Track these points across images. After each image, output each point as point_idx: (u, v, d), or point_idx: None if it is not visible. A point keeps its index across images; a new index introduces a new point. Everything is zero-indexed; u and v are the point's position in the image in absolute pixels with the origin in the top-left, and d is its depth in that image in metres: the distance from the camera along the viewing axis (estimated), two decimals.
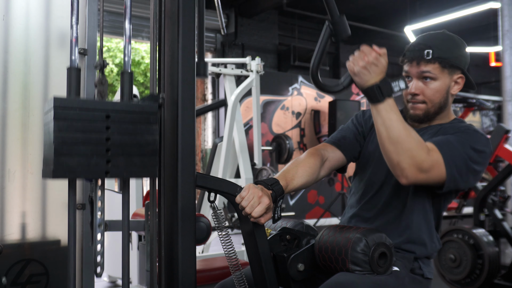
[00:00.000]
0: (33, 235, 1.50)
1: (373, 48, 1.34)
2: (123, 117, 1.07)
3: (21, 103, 1.49)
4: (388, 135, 1.34)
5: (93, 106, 1.04)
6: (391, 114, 1.34)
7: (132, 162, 1.07)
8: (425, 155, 1.34)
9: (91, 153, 1.02)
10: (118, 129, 1.06)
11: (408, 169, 1.33)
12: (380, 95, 1.34)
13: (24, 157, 1.49)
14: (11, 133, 1.48)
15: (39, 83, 1.52)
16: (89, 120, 1.03)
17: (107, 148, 1.04)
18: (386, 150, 1.37)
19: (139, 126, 1.08)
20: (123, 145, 1.06)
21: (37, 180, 1.50)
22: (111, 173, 1.05)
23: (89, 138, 1.03)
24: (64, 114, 1.00)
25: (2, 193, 1.45)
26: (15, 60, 1.49)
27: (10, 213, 1.46)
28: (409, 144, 1.33)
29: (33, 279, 1.49)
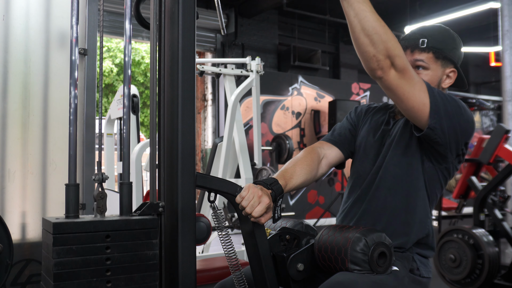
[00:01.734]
0: (33, 235, 1.50)
1: None
2: (123, 235, 1.06)
3: (21, 103, 1.49)
4: (362, 27, 1.28)
5: (92, 228, 1.04)
6: (363, 5, 1.28)
7: (132, 279, 1.07)
8: (400, 51, 1.30)
9: (91, 275, 1.02)
10: (118, 248, 1.05)
11: (383, 61, 1.29)
12: None
13: (24, 157, 1.49)
14: (11, 133, 1.48)
15: (39, 83, 1.52)
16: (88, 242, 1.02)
17: (107, 269, 1.04)
18: (360, 43, 1.30)
19: (139, 242, 1.08)
20: (123, 264, 1.06)
21: (37, 180, 1.50)
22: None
23: (89, 260, 1.02)
24: (63, 239, 1.00)
25: (2, 193, 1.45)
26: (15, 60, 1.49)
27: (10, 213, 1.46)
28: (385, 36, 1.28)
29: (33, 279, 1.49)
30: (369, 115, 1.68)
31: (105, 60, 11.45)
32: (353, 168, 1.65)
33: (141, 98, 11.66)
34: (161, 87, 1.19)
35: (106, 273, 1.04)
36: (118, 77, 11.73)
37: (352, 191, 1.61)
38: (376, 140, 1.58)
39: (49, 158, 1.53)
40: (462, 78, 1.56)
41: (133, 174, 3.39)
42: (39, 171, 1.50)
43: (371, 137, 1.60)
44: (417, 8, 8.32)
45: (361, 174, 1.59)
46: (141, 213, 1.14)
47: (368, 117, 1.67)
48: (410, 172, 1.49)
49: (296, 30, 8.82)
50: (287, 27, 8.99)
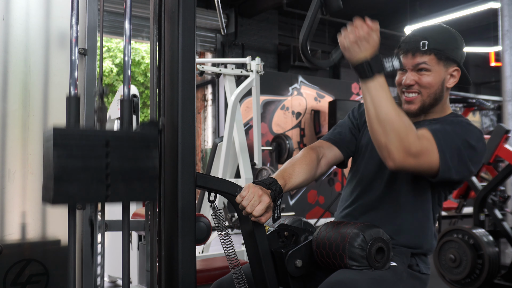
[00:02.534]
0: (33, 235, 1.50)
1: (365, 22, 1.31)
2: (123, 144, 1.07)
3: (21, 103, 1.49)
4: (376, 114, 1.30)
5: (93, 134, 1.04)
6: (380, 92, 1.30)
7: (132, 187, 1.07)
8: (414, 138, 1.30)
9: (91, 179, 1.03)
10: (118, 155, 1.06)
11: (395, 152, 1.29)
12: (369, 71, 1.30)
13: (24, 157, 1.49)
14: (11, 133, 1.48)
15: (39, 83, 1.52)
16: (88, 147, 1.03)
17: (106, 174, 1.04)
18: (373, 130, 1.32)
19: (139, 152, 1.08)
20: (123, 171, 1.06)
21: (37, 180, 1.50)
22: (111, 198, 1.05)
23: (88, 164, 1.03)
24: (63, 142, 1.00)
25: (2, 193, 1.45)
26: (15, 60, 1.49)
27: (10, 213, 1.46)
28: (397, 125, 1.28)
29: (33, 279, 1.49)
30: None
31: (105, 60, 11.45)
32: (356, 166, 1.64)
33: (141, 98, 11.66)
34: (161, 87, 1.20)
35: (106, 178, 1.04)
36: (118, 77, 11.73)
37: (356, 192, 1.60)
38: None
39: None
40: (466, 76, 1.55)
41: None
42: (39, 171, 1.50)
43: None
44: (417, 8, 8.32)
45: (365, 175, 1.58)
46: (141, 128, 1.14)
47: None
48: (418, 186, 1.49)
49: (296, 30, 8.82)
50: (287, 27, 8.99)
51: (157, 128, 1.15)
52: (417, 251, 1.50)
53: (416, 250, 1.50)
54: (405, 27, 8.17)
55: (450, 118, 1.52)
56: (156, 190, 1.10)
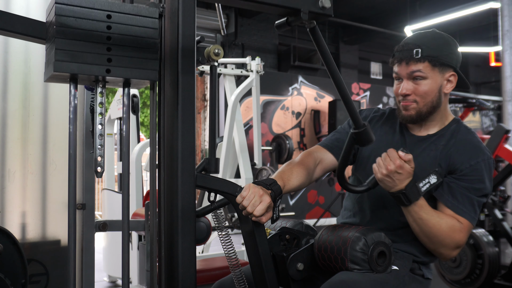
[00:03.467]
0: (33, 235, 1.50)
1: (398, 154, 1.35)
2: (125, 18, 1.07)
3: (21, 103, 1.49)
4: (421, 230, 1.41)
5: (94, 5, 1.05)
6: (420, 214, 1.39)
7: (133, 62, 1.08)
8: (457, 238, 1.41)
9: (93, 50, 1.04)
10: (120, 30, 1.07)
11: (444, 253, 1.44)
12: (406, 201, 1.37)
13: (24, 157, 1.49)
14: (11, 133, 1.48)
15: (39, 83, 1.52)
16: (90, 18, 1.04)
17: (108, 47, 1.05)
18: (421, 239, 1.45)
19: (140, 28, 1.09)
20: (124, 46, 1.07)
21: (37, 180, 1.50)
22: (112, 72, 1.06)
23: (90, 35, 1.04)
24: (65, 10, 1.01)
25: (2, 193, 1.45)
26: (15, 60, 1.49)
27: (10, 213, 1.46)
28: (441, 237, 1.40)
29: (33, 279, 1.49)
30: (377, 126, 1.63)
31: None
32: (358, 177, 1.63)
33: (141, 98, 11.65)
34: (161, 87, 1.20)
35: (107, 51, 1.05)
36: None
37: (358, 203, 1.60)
38: None
39: (49, 158, 1.53)
40: (463, 79, 1.55)
41: (133, 174, 3.39)
42: (39, 171, 1.50)
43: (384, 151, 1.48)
44: (417, 8, 8.31)
45: None
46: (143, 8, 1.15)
47: (375, 129, 1.62)
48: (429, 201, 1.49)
49: (296, 30, 8.82)
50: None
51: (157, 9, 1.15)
52: (420, 259, 1.50)
53: (419, 259, 1.50)
54: (405, 27, 8.16)
55: (469, 162, 1.47)
56: (156, 70, 1.12)
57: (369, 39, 9.44)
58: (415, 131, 1.57)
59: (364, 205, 1.59)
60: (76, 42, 1.02)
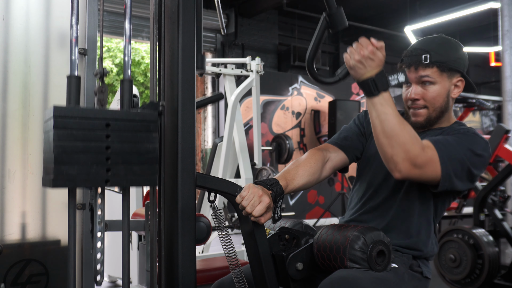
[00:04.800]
0: (33, 235, 1.50)
1: (370, 41, 1.33)
2: (123, 125, 1.06)
3: (21, 103, 1.49)
4: (382, 129, 1.34)
5: (93, 115, 1.03)
6: (385, 108, 1.33)
7: (132, 170, 1.06)
8: (419, 150, 1.33)
9: (91, 161, 1.02)
10: (118, 138, 1.05)
11: (401, 163, 1.33)
12: (374, 89, 1.33)
13: (24, 157, 1.49)
14: (11, 133, 1.48)
15: (39, 83, 1.52)
16: (89, 129, 1.02)
17: (107, 156, 1.04)
18: (380, 144, 1.36)
19: (139, 134, 1.08)
20: (123, 154, 1.05)
21: (37, 180, 1.50)
22: (111, 181, 1.04)
23: (89, 146, 1.02)
24: (64, 123, 1.00)
25: (2, 193, 1.45)
26: (15, 60, 1.49)
27: (10, 213, 1.46)
28: (403, 138, 1.32)
29: (33, 279, 1.49)
30: None
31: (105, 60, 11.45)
32: (363, 175, 1.64)
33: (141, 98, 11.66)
34: (161, 87, 1.20)
35: (106, 161, 1.04)
36: (118, 77, 11.73)
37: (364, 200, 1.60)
38: None
39: None
40: (470, 84, 1.57)
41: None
42: (39, 171, 1.50)
43: None
44: (417, 8, 8.32)
45: (373, 184, 1.59)
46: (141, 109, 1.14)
47: None
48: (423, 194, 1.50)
49: (296, 30, 8.82)
50: (287, 27, 8.99)
51: (157, 110, 1.15)
52: (418, 253, 1.51)
53: (418, 252, 1.50)
54: (405, 27, 8.16)
55: (456, 127, 1.53)
56: (156, 174, 1.10)
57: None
58: (418, 129, 1.58)
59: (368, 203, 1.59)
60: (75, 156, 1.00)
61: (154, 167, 1.09)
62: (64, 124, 1.00)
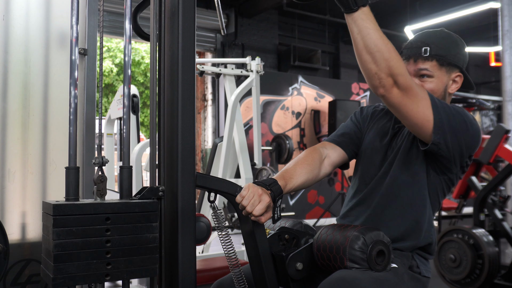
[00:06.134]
0: (33, 235, 1.50)
1: None
2: (123, 217, 1.06)
3: (21, 103, 1.49)
4: (365, 44, 1.28)
5: (92, 210, 1.03)
6: (366, 23, 1.28)
7: (132, 262, 1.06)
8: (404, 70, 1.29)
9: (91, 257, 1.01)
10: (118, 231, 1.05)
11: (385, 79, 1.28)
12: (353, 4, 1.27)
13: (24, 157, 1.49)
14: (11, 133, 1.48)
15: (39, 83, 1.52)
16: (88, 224, 1.02)
17: (107, 251, 1.03)
18: (363, 61, 1.30)
19: (139, 225, 1.08)
20: (124, 246, 1.05)
21: (37, 180, 1.50)
22: (112, 276, 1.04)
23: (89, 242, 1.01)
24: (63, 221, 0.99)
25: (2, 193, 1.45)
26: (15, 60, 1.49)
27: (10, 213, 1.46)
28: (387, 54, 1.27)
29: (33, 279, 1.49)
30: (375, 119, 1.65)
31: (105, 60, 11.45)
32: (357, 171, 1.64)
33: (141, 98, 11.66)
34: (161, 87, 1.20)
35: (106, 255, 1.03)
36: (118, 77, 11.73)
37: (356, 195, 1.60)
38: (383, 146, 1.57)
39: (49, 158, 1.53)
40: (468, 80, 1.56)
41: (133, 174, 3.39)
42: (39, 171, 1.50)
43: (378, 142, 1.58)
44: (417, 8, 8.31)
45: (365, 179, 1.58)
46: (141, 197, 1.14)
47: (374, 121, 1.65)
48: (416, 181, 1.49)
49: (296, 30, 8.82)
50: (287, 27, 8.99)
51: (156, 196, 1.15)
52: (411, 243, 1.49)
53: (416, 245, 1.49)
54: (405, 27, 8.16)
55: None
56: (156, 264, 1.10)
57: None
58: None
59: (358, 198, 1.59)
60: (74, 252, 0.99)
61: (154, 257, 1.10)
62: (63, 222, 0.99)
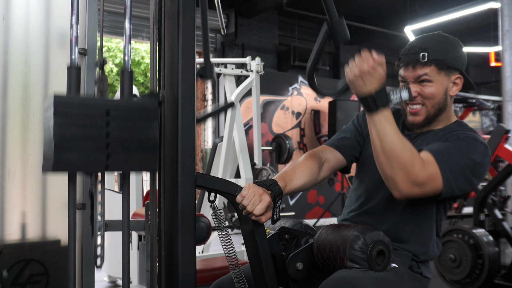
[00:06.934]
0: (33, 235, 1.50)
1: (371, 55, 1.30)
2: (123, 113, 1.07)
3: (21, 103, 1.49)
4: (382, 147, 1.32)
5: (93, 102, 1.05)
6: (385, 126, 1.31)
7: (132, 156, 1.07)
8: (420, 168, 1.31)
9: (91, 148, 1.03)
10: (118, 125, 1.06)
11: (401, 184, 1.31)
12: (373, 106, 1.31)
13: (24, 157, 1.49)
14: (11, 133, 1.48)
15: (39, 83, 1.52)
16: (89, 116, 1.04)
17: (107, 143, 1.05)
18: (379, 162, 1.35)
19: (139, 122, 1.09)
20: (123, 140, 1.07)
21: (37, 180, 1.50)
22: (111, 167, 1.06)
23: (89, 133, 1.03)
24: (64, 110, 1.01)
25: (2, 193, 1.45)
26: (15, 60, 1.49)
27: (10, 213, 1.46)
28: (403, 158, 1.29)
29: (33, 279, 1.49)
30: None
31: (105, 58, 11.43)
32: (361, 176, 1.63)
33: None
34: (161, 87, 1.20)
35: (106, 147, 1.05)
36: (118, 77, 11.73)
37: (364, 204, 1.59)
38: None
39: None
40: (469, 81, 1.56)
41: (133, 174, 3.39)
42: (39, 171, 1.50)
43: None
44: (417, 8, 8.31)
45: (370, 185, 1.58)
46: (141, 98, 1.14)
47: None
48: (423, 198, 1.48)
49: (296, 30, 8.82)
50: (287, 27, 8.99)
51: (157, 99, 1.15)
52: (419, 259, 1.50)
53: (418, 258, 1.50)
54: (405, 27, 8.16)
55: (457, 132, 1.48)
56: (156, 160, 1.11)
57: (369, 39, 9.43)
58: (417, 131, 1.57)
59: (364, 202, 1.59)
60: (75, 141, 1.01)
61: (154, 153, 1.10)
62: (64, 111, 1.01)
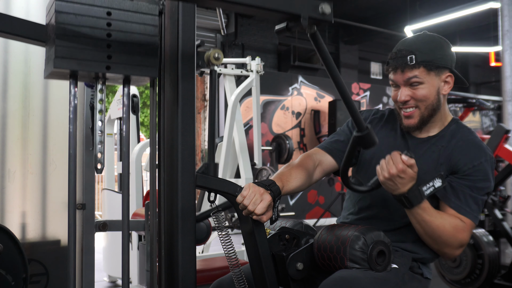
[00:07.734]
0: (33, 235, 1.50)
1: (401, 158, 1.33)
2: (125, 15, 1.08)
3: (21, 103, 1.49)
4: (425, 232, 1.42)
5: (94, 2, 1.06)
6: (424, 216, 1.39)
7: (132, 59, 1.09)
8: (460, 237, 1.41)
9: (93, 46, 1.04)
10: (119, 27, 1.07)
11: (448, 253, 1.45)
12: (408, 204, 1.37)
13: (24, 157, 1.49)
14: (11, 133, 1.48)
15: (39, 83, 1.52)
16: (90, 15, 1.04)
17: (108, 44, 1.06)
18: (424, 240, 1.45)
19: (140, 26, 1.10)
20: (124, 43, 1.08)
21: (37, 180, 1.50)
22: (112, 68, 1.07)
23: (90, 32, 1.04)
24: (65, 7, 1.02)
25: (2, 193, 1.46)
26: (15, 60, 1.49)
27: (10, 213, 1.46)
28: (445, 237, 1.40)
29: (33, 279, 1.49)
30: (377, 128, 1.63)
31: None
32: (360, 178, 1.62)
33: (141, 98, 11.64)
34: (161, 87, 1.20)
35: (107, 48, 1.06)
36: None
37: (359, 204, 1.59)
38: None
39: (49, 158, 1.53)
40: (460, 78, 1.55)
41: (133, 174, 3.39)
42: (39, 171, 1.50)
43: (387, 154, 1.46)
44: (417, 8, 8.31)
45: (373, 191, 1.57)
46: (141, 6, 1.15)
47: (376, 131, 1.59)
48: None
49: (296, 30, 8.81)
50: None
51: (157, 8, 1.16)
52: (421, 256, 1.50)
53: (420, 255, 1.50)
54: (405, 27, 8.16)
55: (470, 162, 1.47)
56: (156, 67, 1.12)
57: (369, 39, 9.43)
58: (416, 133, 1.57)
59: (364, 206, 1.59)
60: (76, 39, 1.02)
61: (155, 59, 1.11)
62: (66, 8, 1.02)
